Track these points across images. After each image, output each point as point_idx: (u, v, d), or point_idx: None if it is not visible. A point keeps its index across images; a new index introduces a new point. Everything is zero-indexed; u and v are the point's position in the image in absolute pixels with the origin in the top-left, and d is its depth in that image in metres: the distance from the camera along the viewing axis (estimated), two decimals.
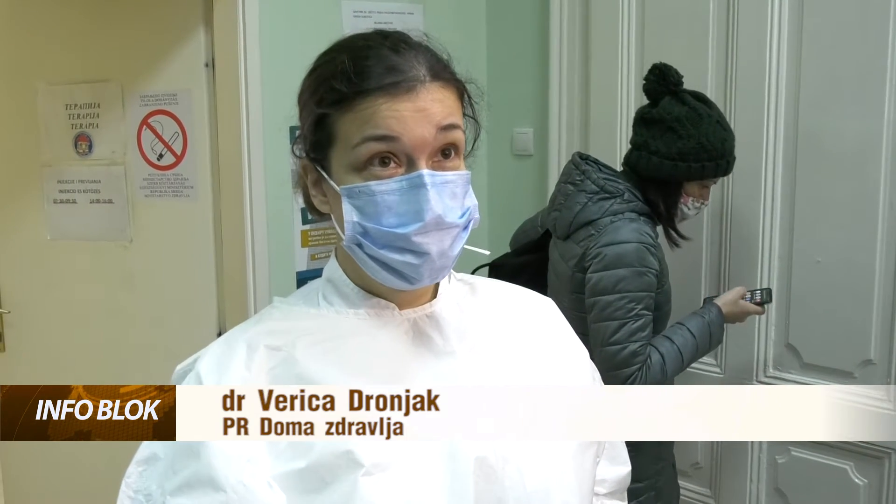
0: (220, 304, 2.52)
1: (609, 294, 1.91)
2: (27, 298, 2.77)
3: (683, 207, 2.02)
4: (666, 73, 1.99)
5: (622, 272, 1.91)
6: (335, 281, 0.99)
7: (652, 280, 1.92)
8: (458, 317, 1.00)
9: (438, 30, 2.91)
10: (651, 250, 1.93)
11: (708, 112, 1.96)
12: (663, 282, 2.00)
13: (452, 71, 0.95)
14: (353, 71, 0.89)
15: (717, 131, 1.95)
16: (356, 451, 0.86)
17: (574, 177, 2.06)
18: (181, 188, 2.53)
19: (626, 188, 2.00)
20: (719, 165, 1.97)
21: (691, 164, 1.95)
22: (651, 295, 1.93)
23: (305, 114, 0.95)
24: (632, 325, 1.90)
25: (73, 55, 2.59)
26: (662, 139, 1.96)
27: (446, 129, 0.89)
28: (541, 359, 1.04)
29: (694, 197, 2.02)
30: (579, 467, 0.99)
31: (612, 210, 1.98)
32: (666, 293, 2.04)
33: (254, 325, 0.96)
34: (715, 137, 1.95)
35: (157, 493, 0.87)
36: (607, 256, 1.92)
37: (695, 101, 1.98)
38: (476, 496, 0.90)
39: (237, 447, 0.86)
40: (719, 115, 1.99)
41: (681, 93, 1.98)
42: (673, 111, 1.96)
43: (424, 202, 0.87)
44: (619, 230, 1.94)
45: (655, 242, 1.96)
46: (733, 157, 2.00)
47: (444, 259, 0.90)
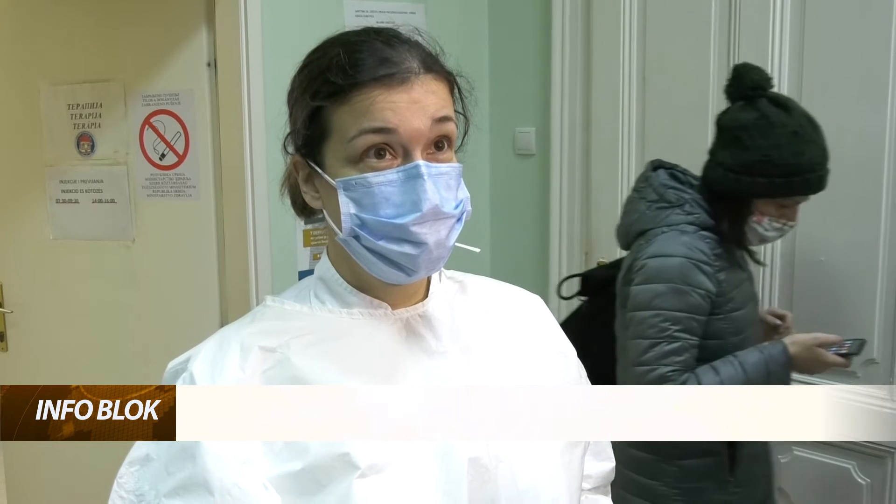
0: (222, 304, 2.53)
1: (644, 310, 1.75)
2: (30, 298, 2.78)
3: (757, 227, 1.80)
4: (743, 75, 1.79)
5: (660, 287, 1.74)
6: (327, 279, 0.99)
7: (696, 301, 1.74)
8: (449, 316, 1.00)
9: (441, 29, 2.93)
10: (701, 268, 1.75)
11: (783, 120, 1.72)
12: (725, 307, 1.79)
13: (443, 64, 0.95)
14: (347, 63, 0.89)
15: (790, 143, 1.71)
16: (352, 453, 0.86)
17: (639, 183, 1.92)
18: (183, 188, 2.53)
19: (691, 199, 1.82)
20: (793, 183, 1.72)
21: (757, 178, 1.73)
22: (694, 318, 1.74)
23: (297, 109, 0.95)
24: (664, 347, 1.72)
25: (75, 55, 2.59)
26: (729, 150, 1.78)
27: (440, 121, 0.90)
28: (529, 358, 1.04)
29: (770, 216, 1.78)
30: (567, 465, 1.00)
31: (669, 221, 1.81)
32: (733, 321, 1.80)
33: (247, 324, 0.96)
34: (787, 150, 1.71)
35: (149, 495, 0.87)
36: (649, 269, 1.77)
37: (771, 106, 1.75)
38: (470, 496, 0.90)
39: (232, 449, 0.86)
40: (800, 125, 1.73)
41: (758, 97, 1.76)
42: (740, 118, 1.76)
43: (422, 192, 0.87)
44: (666, 242, 1.78)
45: (710, 260, 1.77)
46: (817, 173, 1.74)
47: (441, 249, 0.90)
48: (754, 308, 1.90)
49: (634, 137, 2.56)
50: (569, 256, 2.75)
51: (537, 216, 2.82)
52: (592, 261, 2.72)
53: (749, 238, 1.82)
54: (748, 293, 1.86)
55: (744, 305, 1.82)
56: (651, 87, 2.51)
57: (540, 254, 2.82)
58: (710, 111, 2.37)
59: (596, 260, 2.70)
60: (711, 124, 2.36)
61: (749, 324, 1.83)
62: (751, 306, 1.87)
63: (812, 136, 1.74)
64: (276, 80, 2.39)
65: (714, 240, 1.79)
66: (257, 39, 2.34)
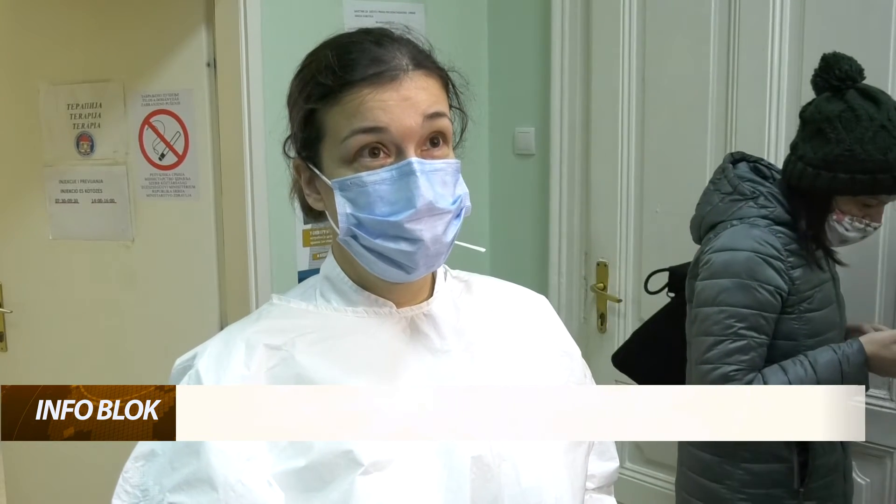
0: (221, 304, 2.53)
1: (709, 306, 1.70)
2: (29, 298, 2.78)
3: (837, 226, 1.71)
4: (831, 65, 1.69)
5: (725, 282, 1.68)
6: (332, 278, 0.99)
7: (764, 298, 1.67)
8: (454, 315, 1.01)
9: (440, 29, 2.93)
10: (771, 263, 1.68)
11: (872, 114, 1.62)
12: (798, 307, 1.72)
13: (434, 60, 0.96)
14: (337, 65, 0.90)
15: (879, 137, 1.60)
16: (356, 450, 0.87)
17: (715, 175, 1.86)
18: (183, 188, 2.53)
19: (768, 192, 1.75)
20: (877, 181, 1.62)
21: (838, 174, 1.63)
22: (762, 315, 1.67)
23: (295, 113, 0.96)
24: (728, 345, 1.66)
25: (74, 55, 2.59)
26: (811, 143, 1.68)
27: (432, 117, 0.90)
28: (534, 357, 1.05)
29: (852, 216, 1.69)
30: (571, 464, 1.01)
31: (741, 214, 1.75)
32: (809, 322, 1.73)
33: (253, 323, 0.97)
34: (874, 145, 1.60)
35: (154, 490, 0.88)
36: (714, 263, 1.71)
37: (860, 98, 1.65)
38: (472, 494, 0.91)
39: (237, 446, 0.86)
40: (889, 119, 1.62)
41: (846, 88, 1.66)
42: (825, 110, 1.66)
43: (415, 189, 0.88)
44: (734, 235, 1.72)
45: (781, 256, 1.70)
46: None
47: (439, 245, 0.90)
48: (837, 312, 1.81)
49: (634, 138, 2.57)
50: (568, 256, 2.75)
51: (537, 216, 2.83)
52: (592, 261, 2.72)
53: (829, 237, 1.73)
54: (829, 295, 1.78)
55: (823, 307, 1.74)
56: (651, 88, 2.51)
57: (539, 254, 2.82)
58: (710, 111, 2.37)
59: (595, 260, 2.70)
60: (711, 124, 2.38)
61: (829, 327, 1.74)
62: (832, 310, 1.78)
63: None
64: (276, 79, 2.39)
65: (789, 236, 1.72)
66: (257, 39, 2.34)
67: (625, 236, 2.63)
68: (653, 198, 2.53)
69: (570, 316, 2.75)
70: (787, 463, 1.75)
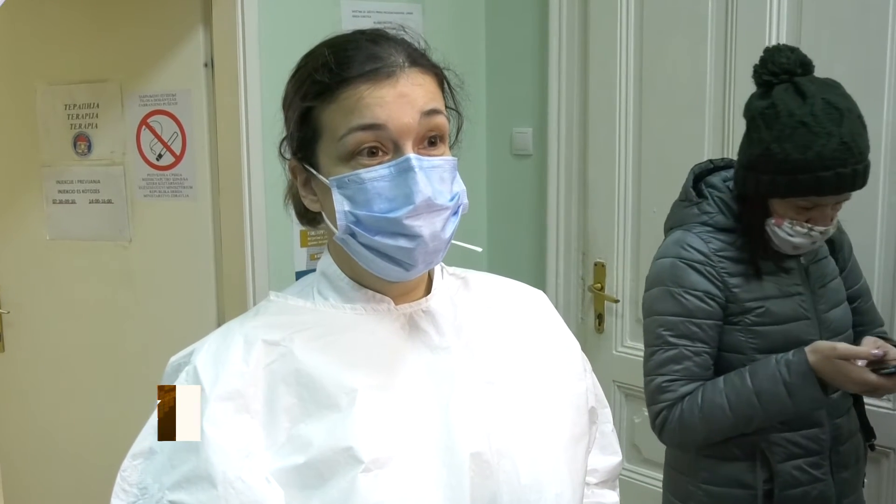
0: (219, 304, 2.53)
1: (646, 317, 1.67)
2: (26, 298, 2.78)
3: (779, 231, 1.58)
4: (766, 59, 1.58)
5: (655, 291, 1.65)
6: (329, 275, 0.99)
7: (692, 304, 1.60)
8: (452, 311, 1.01)
9: (437, 29, 2.93)
10: (695, 267, 1.61)
11: (792, 110, 1.50)
12: (742, 318, 1.63)
13: (429, 58, 0.96)
14: (333, 62, 0.90)
15: (797, 135, 1.49)
16: (356, 447, 0.87)
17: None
18: (180, 188, 2.53)
19: (717, 197, 1.67)
20: (799, 182, 1.50)
21: (760, 176, 1.55)
22: (692, 321, 1.60)
23: (291, 113, 0.96)
24: (661, 355, 1.62)
25: (72, 55, 2.59)
26: (743, 143, 1.61)
27: (429, 114, 0.90)
28: (533, 352, 1.05)
29: (790, 219, 1.57)
30: (571, 459, 1.01)
31: (683, 220, 1.70)
32: (758, 336, 1.63)
33: (251, 318, 0.97)
34: (792, 143, 1.49)
35: (153, 488, 0.87)
36: (650, 273, 1.70)
37: (785, 93, 1.53)
38: (472, 491, 0.91)
39: (235, 442, 0.86)
40: (813, 114, 1.49)
41: (776, 83, 1.55)
42: (752, 107, 1.59)
43: (413, 185, 0.87)
44: (667, 242, 1.69)
45: (711, 261, 1.62)
46: (833, 170, 1.49)
47: (437, 242, 0.90)
48: (813, 330, 1.65)
49: (631, 137, 2.57)
50: (566, 256, 2.75)
51: (534, 216, 2.83)
52: (589, 261, 2.72)
53: (778, 244, 1.61)
54: (798, 311, 1.64)
55: (781, 322, 1.63)
56: (648, 88, 2.51)
57: (537, 254, 2.82)
58: (707, 111, 2.37)
59: (593, 260, 2.71)
60: (708, 124, 2.38)
61: (791, 344, 1.59)
62: (802, 326, 1.64)
63: (828, 127, 1.49)
64: (273, 80, 2.39)
65: (727, 242, 1.64)
66: (254, 40, 2.34)
67: (622, 236, 2.63)
68: (650, 198, 2.54)
69: (567, 316, 2.75)
70: (750, 490, 1.66)
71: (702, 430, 1.61)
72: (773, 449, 1.64)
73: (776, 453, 1.64)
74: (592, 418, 1.13)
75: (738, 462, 1.67)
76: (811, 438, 1.65)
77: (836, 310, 1.70)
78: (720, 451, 1.68)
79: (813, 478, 1.65)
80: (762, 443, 1.64)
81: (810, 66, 1.59)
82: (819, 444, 1.66)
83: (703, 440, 1.66)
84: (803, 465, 1.65)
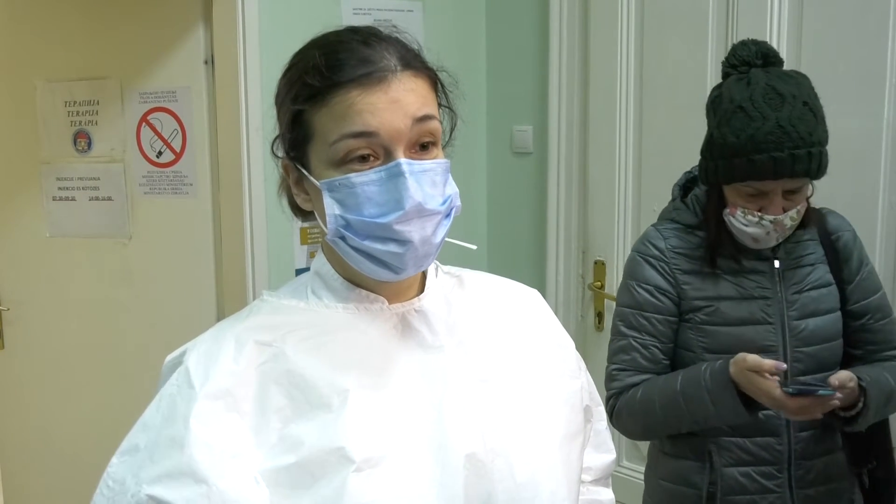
0: (219, 302, 2.53)
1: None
2: (26, 295, 2.77)
3: (733, 220, 1.57)
4: (730, 53, 1.60)
5: (620, 284, 1.72)
6: (323, 275, 0.99)
7: (642, 297, 1.64)
8: (446, 311, 1.01)
9: (438, 27, 2.92)
10: (649, 261, 1.64)
11: (733, 95, 1.53)
12: (692, 316, 1.63)
13: (423, 60, 0.95)
14: (324, 65, 0.89)
15: (735, 119, 1.50)
16: (347, 447, 0.86)
17: None
18: (180, 185, 2.53)
19: (692, 195, 1.68)
20: (735, 166, 1.50)
21: (707, 162, 1.58)
22: (641, 314, 1.64)
23: (282, 113, 0.96)
24: (614, 345, 1.68)
25: (72, 52, 2.59)
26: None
27: (422, 120, 0.90)
28: (528, 351, 1.05)
29: (742, 208, 1.55)
30: (566, 457, 1.01)
31: (661, 216, 1.75)
32: (711, 336, 1.62)
33: (243, 319, 0.97)
34: (729, 128, 1.51)
35: (131, 482, 0.86)
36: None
37: (734, 81, 1.56)
38: (466, 491, 0.90)
39: (223, 441, 0.86)
40: (752, 99, 1.50)
41: (731, 73, 1.58)
42: (709, 96, 1.62)
43: (404, 190, 0.87)
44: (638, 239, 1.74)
45: (665, 257, 1.64)
46: (767, 153, 1.47)
47: (428, 246, 0.90)
48: (772, 335, 1.61)
49: (631, 136, 2.57)
50: (566, 254, 2.75)
51: (534, 214, 2.83)
52: (589, 259, 2.72)
53: (737, 235, 1.59)
54: (756, 315, 1.61)
55: (736, 324, 1.61)
56: (648, 86, 2.51)
57: (537, 251, 2.82)
58: None
59: (593, 258, 2.71)
60: None
61: (744, 347, 1.54)
62: (759, 330, 1.60)
63: (765, 111, 1.48)
64: (274, 77, 2.37)
65: (687, 239, 1.65)
66: (254, 37, 2.34)
67: (622, 234, 2.63)
68: (650, 196, 2.54)
69: (567, 314, 2.75)
70: (696, 490, 1.65)
71: (639, 422, 1.64)
72: (721, 452, 1.63)
73: (723, 456, 1.63)
74: (587, 416, 1.13)
75: (688, 461, 1.67)
76: (763, 447, 1.61)
77: (812, 319, 1.62)
78: (675, 448, 1.70)
79: (763, 487, 1.62)
80: (710, 444, 1.63)
81: (773, 57, 1.58)
82: (773, 454, 1.61)
83: (642, 432, 1.72)
84: (752, 473, 1.62)
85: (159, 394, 0.91)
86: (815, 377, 1.56)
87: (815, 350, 1.61)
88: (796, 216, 1.56)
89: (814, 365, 1.60)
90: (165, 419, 0.88)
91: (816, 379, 1.54)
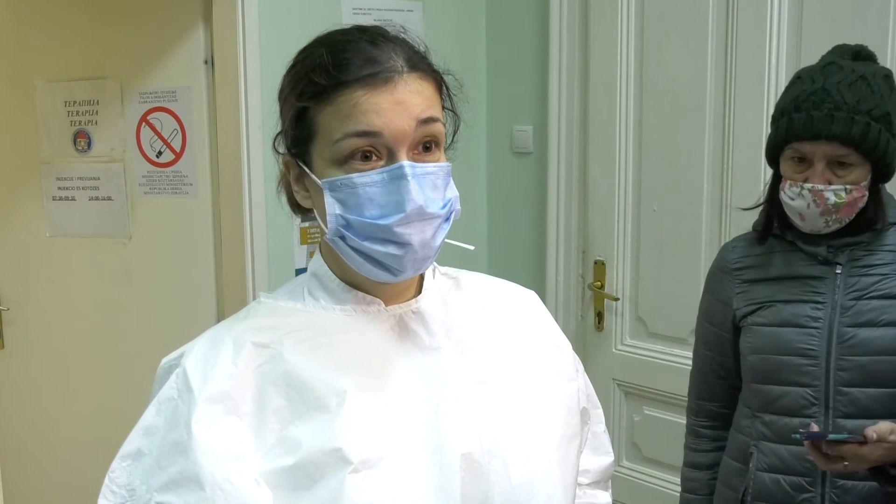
0: (219, 302, 2.53)
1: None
2: (26, 295, 2.78)
3: (784, 196, 1.54)
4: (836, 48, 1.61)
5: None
6: (320, 276, 0.99)
7: (710, 310, 1.69)
8: (443, 312, 1.01)
9: (438, 27, 2.92)
10: (717, 274, 1.68)
11: (802, 73, 1.55)
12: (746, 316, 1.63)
13: (430, 62, 0.95)
14: (331, 64, 0.89)
15: (791, 86, 1.54)
16: (345, 448, 0.86)
17: None
18: (180, 185, 2.53)
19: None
20: (779, 125, 1.53)
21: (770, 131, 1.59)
22: (713, 330, 1.69)
23: (286, 109, 0.96)
24: (694, 364, 1.76)
25: (72, 52, 2.59)
26: None
27: (426, 122, 0.90)
28: (525, 353, 1.05)
29: (790, 179, 1.52)
30: (563, 459, 1.01)
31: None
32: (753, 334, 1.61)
33: (240, 321, 0.97)
34: (787, 93, 1.53)
35: (141, 490, 0.87)
36: None
37: (819, 63, 1.56)
38: (462, 491, 0.90)
39: (224, 444, 0.86)
40: (812, 69, 1.53)
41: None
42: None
43: (406, 193, 0.87)
44: None
45: (729, 267, 1.66)
46: (804, 112, 1.47)
47: (427, 250, 0.90)
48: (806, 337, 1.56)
49: (632, 136, 2.57)
50: (566, 254, 2.75)
51: (534, 214, 2.83)
52: (589, 259, 2.72)
53: (789, 215, 1.56)
54: (793, 315, 1.58)
55: (773, 324, 1.59)
56: (648, 86, 2.51)
57: (537, 252, 2.82)
58: (707, 109, 2.37)
59: (592, 258, 2.71)
60: (709, 122, 2.38)
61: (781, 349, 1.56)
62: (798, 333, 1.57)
63: (815, 77, 1.50)
64: (273, 77, 2.38)
65: (756, 241, 1.65)
66: (254, 36, 2.34)
67: (622, 234, 2.63)
68: (650, 196, 2.54)
69: (567, 314, 2.75)
70: (734, 492, 1.67)
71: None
72: (760, 456, 1.62)
73: (760, 461, 1.62)
74: (584, 419, 1.13)
75: (734, 462, 1.68)
76: (796, 456, 1.56)
77: (865, 329, 1.53)
78: (729, 444, 1.71)
79: (791, 498, 1.58)
80: (753, 447, 1.63)
81: (863, 54, 1.57)
82: (805, 465, 1.55)
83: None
84: (782, 481, 1.58)
85: (157, 397, 0.91)
86: (855, 422, 1.48)
87: (866, 361, 1.52)
88: (844, 195, 1.48)
89: (862, 376, 1.52)
90: (168, 424, 0.88)
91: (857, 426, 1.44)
